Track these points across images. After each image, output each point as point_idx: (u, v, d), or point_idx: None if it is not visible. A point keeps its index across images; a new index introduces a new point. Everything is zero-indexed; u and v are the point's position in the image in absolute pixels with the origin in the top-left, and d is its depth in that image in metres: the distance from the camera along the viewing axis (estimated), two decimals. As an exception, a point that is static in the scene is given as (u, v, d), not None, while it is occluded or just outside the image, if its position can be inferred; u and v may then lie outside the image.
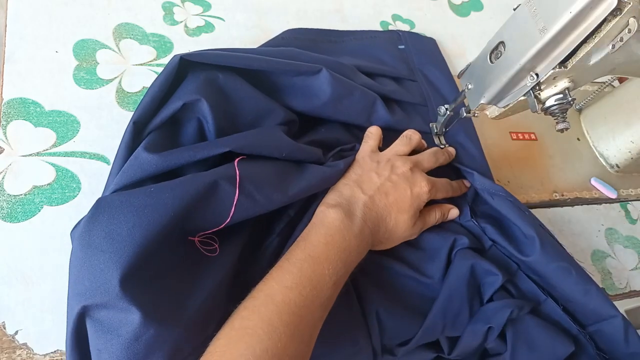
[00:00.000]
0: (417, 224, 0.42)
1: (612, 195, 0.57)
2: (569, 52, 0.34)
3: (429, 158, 0.46)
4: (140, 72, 0.47)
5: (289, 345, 0.29)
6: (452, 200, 0.46)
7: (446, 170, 0.48)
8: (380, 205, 0.39)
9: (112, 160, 0.39)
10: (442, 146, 0.51)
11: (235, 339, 0.29)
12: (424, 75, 0.57)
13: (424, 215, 0.43)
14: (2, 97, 0.42)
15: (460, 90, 0.44)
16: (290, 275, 0.32)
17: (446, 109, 0.48)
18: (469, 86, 0.43)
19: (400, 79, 0.55)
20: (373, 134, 0.47)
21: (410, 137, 0.46)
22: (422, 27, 0.63)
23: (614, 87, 0.66)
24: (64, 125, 0.42)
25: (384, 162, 0.43)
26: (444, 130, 0.50)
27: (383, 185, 0.40)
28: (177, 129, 0.38)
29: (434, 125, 0.51)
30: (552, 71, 0.35)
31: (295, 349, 0.30)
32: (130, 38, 0.49)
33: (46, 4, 0.48)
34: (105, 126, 0.43)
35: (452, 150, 0.49)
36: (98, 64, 0.46)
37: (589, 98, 0.62)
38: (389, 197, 0.40)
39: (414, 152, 0.47)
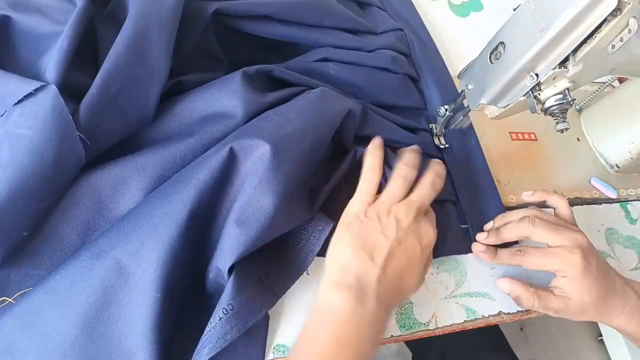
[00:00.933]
0: (425, 272, 0.40)
1: (612, 195, 0.57)
2: (569, 52, 0.34)
3: (429, 194, 0.40)
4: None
5: None
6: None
7: None
8: (394, 275, 0.35)
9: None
10: (442, 146, 0.51)
11: None
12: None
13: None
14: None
15: (460, 89, 0.44)
16: None
17: (446, 110, 0.48)
18: (469, 86, 0.43)
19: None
20: (370, 174, 0.40)
21: (405, 176, 0.40)
22: (422, 27, 0.63)
23: (614, 87, 0.66)
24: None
25: (385, 216, 0.37)
26: (443, 130, 0.50)
27: (392, 249, 0.36)
28: None
29: (434, 126, 0.51)
30: (552, 71, 0.35)
31: None
32: None
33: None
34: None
35: (443, 170, 0.43)
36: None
37: (589, 98, 0.62)
38: (400, 261, 0.36)
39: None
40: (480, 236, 0.46)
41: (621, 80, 0.67)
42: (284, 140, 0.35)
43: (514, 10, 0.37)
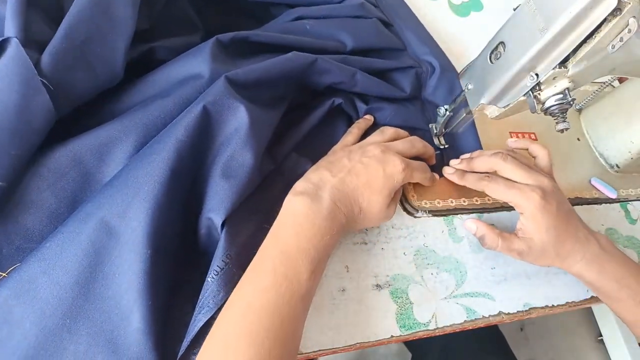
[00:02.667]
0: (391, 205, 0.41)
1: (612, 195, 0.57)
2: (569, 52, 0.34)
3: (403, 143, 0.44)
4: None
5: (274, 348, 0.30)
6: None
7: None
8: (351, 187, 0.38)
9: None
10: (441, 147, 0.51)
11: (218, 355, 0.30)
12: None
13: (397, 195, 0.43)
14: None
15: (461, 88, 0.44)
16: (264, 275, 0.32)
17: (446, 110, 0.48)
18: (469, 86, 0.43)
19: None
20: (355, 130, 0.46)
21: (383, 130, 0.46)
22: (422, 27, 0.63)
23: (614, 87, 0.66)
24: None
25: (356, 148, 0.42)
26: (443, 130, 0.50)
27: (354, 167, 0.39)
28: None
29: (434, 126, 0.51)
30: (552, 71, 0.35)
31: (281, 350, 0.30)
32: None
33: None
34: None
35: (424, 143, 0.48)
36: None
37: (589, 98, 0.62)
38: (360, 177, 0.39)
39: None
40: (453, 162, 0.49)
41: (621, 80, 0.67)
42: (255, 97, 0.37)
43: (514, 10, 0.37)
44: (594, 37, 0.32)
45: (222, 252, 0.34)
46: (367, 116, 0.49)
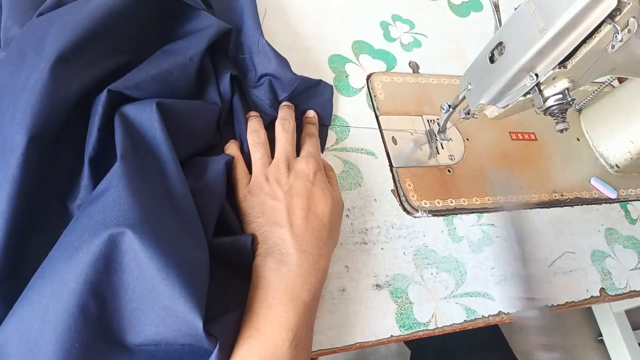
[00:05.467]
0: (334, 193, 0.40)
1: (612, 195, 0.57)
2: (569, 52, 0.34)
3: (312, 144, 0.44)
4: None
5: None
6: None
7: None
8: (302, 218, 0.37)
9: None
10: (444, 142, 0.51)
11: None
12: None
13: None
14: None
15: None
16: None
17: (449, 106, 0.48)
18: (469, 86, 0.43)
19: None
20: (262, 149, 0.42)
21: (285, 128, 0.44)
22: (422, 28, 0.63)
23: (613, 87, 0.66)
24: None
25: (284, 180, 0.39)
26: (446, 127, 0.50)
27: (287, 204, 0.37)
28: None
29: (436, 122, 0.52)
30: (551, 71, 0.35)
31: None
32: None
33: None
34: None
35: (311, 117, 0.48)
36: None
37: (588, 98, 0.62)
38: (301, 202, 0.37)
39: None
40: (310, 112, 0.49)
41: (621, 80, 0.67)
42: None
43: (515, 10, 0.37)
44: (593, 37, 0.32)
45: None
46: (252, 112, 0.45)
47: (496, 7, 0.41)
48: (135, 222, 0.28)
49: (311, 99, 0.50)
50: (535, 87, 0.37)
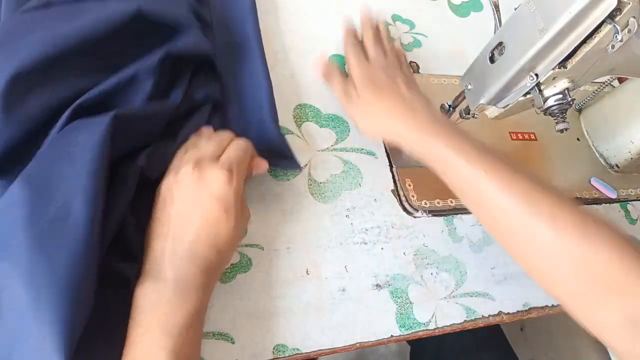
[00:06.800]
0: (239, 211, 0.35)
1: (612, 195, 0.57)
2: (569, 52, 0.34)
3: (236, 150, 0.36)
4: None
5: None
6: None
7: None
8: (179, 235, 0.33)
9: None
10: None
11: None
12: None
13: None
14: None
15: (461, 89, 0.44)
16: None
17: (449, 106, 0.48)
18: (469, 86, 0.43)
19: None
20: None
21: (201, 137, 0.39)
22: (422, 28, 0.63)
23: (613, 87, 0.66)
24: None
25: (171, 181, 0.35)
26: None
27: (179, 214, 0.33)
28: None
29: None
30: (551, 71, 0.35)
31: None
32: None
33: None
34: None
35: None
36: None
37: (588, 98, 0.62)
38: (192, 222, 0.33)
39: None
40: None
41: (621, 80, 0.67)
42: None
43: (515, 10, 0.37)
44: (593, 37, 0.33)
45: None
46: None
47: (496, 7, 0.41)
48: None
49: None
50: (535, 87, 0.37)
